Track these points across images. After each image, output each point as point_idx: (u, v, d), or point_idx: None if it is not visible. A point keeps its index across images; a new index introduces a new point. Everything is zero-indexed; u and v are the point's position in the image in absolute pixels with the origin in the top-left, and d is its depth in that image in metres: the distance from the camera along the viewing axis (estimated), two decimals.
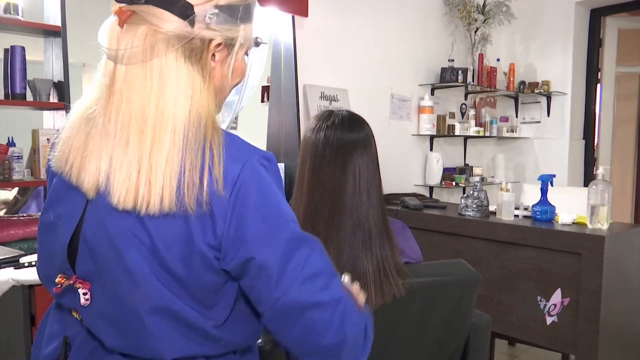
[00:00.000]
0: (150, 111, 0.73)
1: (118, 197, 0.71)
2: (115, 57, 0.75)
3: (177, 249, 0.73)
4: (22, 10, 1.87)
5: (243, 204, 0.74)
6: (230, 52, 0.81)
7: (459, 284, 1.40)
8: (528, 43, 4.20)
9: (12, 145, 1.87)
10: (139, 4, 0.73)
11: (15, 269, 1.64)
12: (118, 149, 0.72)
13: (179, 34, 0.75)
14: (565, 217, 2.41)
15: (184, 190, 0.71)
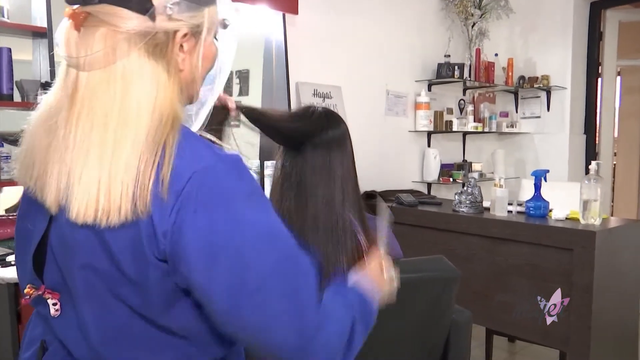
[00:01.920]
0: (113, 118, 0.69)
1: (77, 211, 0.67)
2: (77, 64, 0.70)
3: (130, 258, 0.69)
4: (7, 12, 1.89)
5: (181, 228, 0.68)
6: (198, 39, 0.76)
7: (437, 280, 1.41)
8: (527, 37, 4.17)
9: (0, 146, 1.90)
10: (92, 4, 0.69)
11: (2, 267, 1.67)
12: (77, 160, 0.68)
13: (141, 30, 0.70)
14: (558, 213, 2.41)
15: (137, 193, 0.67)
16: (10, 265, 1.67)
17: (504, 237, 2.43)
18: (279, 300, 0.71)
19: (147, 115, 0.69)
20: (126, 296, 0.71)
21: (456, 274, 1.42)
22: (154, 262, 0.69)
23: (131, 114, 0.69)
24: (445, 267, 1.43)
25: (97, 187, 0.67)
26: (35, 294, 0.77)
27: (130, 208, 0.67)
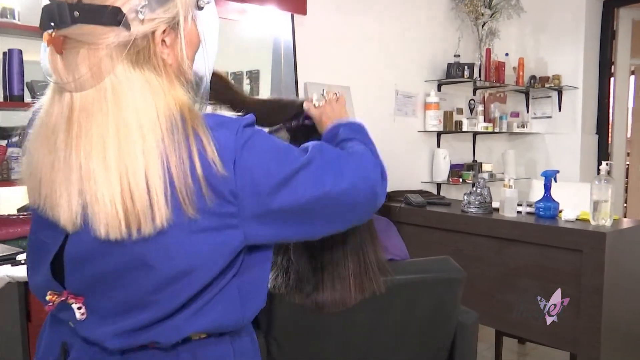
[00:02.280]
0: (110, 135, 0.69)
1: (105, 227, 0.69)
2: (69, 88, 0.71)
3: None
4: (18, 13, 1.92)
5: (247, 168, 0.74)
6: (178, 30, 0.76)
7: (442, 281, 1.40)
8: (538, 36, 4.14)
9: (11, 146, 1.93)
10: (66, 26, 0.68)
11: (12, 266, 1.69)
12: (87, 181, 0.69)
13: (119, 42, 0.70)
14: (568, 214, 2.38)
15: (180, 196, 0.69)
16: (20, 264, 1.69)
17: (513, 238, 2.41)
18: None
19: (151, 120, 0.70)
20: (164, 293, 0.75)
21: (461, 275, 1.41)
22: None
23: (132, 125, 0.69)
24: (451, 268, 1.42)
25: (121, 200, 0.68)
26: (58, 300, 0.78)
27: (172, 213, 0.70)
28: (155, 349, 0.78)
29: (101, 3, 0.69)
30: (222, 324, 0.80)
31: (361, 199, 0.87)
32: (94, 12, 0.68)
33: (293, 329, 1.31)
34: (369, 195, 0.88)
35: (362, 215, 0.93)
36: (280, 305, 1.27)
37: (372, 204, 0.91)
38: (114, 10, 0.69)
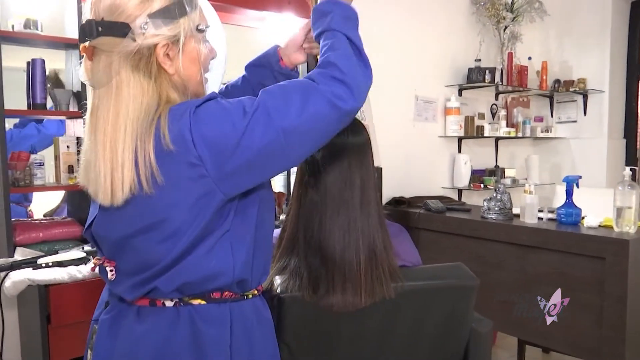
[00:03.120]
0: (110, 123, 0.88)
1: (101, 197, 0.90)
2: (91, 84, 0.92)
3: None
4: (41, 25, 1.98)
5: (201, 136, 0.86)
6: (179, 47, 0.92)
7: (454, 288, 1.39)
8: (562, 39, 4.08)
9: (33, 152, 1.98)
10: (92, 39, 0.89)
11: (34, 269, 1.74)
12: (97, 160, 0.89)
13: (126, 51, 0.88)
14: (591, 220, 2.34)
15: (141, 167, 0.87)
16: (40, 267, 1.74)
17: (534, 244, 2.38)
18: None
19: (135, 115, 0.88)
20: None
21: (475, 282, 1.39)
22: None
23: (122, 115, 0.88)
24: (464, 275, 1.41)
25: (105, 178, 0.88)
26: (98, 263, 1.00)
27: (132, 187, 0.87)
28: (162, 307, 0.95)
29: (115, 19, 0.88)
30: (214, 275, 0.94)
31: (321, 119, 0.90)
32: (110, 26, 0.88)
33: (304, 333, 1.31)
34: (328, 112, 0.90)
35: (331, 129, 0.93)
36: (291, 310, 1.27)
37: (337, 116, 0.91)
38: (123, 24, 0.88)
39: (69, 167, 2.03)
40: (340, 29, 0.99)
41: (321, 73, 0.92)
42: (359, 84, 0.93)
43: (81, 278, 1.74)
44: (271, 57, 1.27)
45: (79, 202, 2.14)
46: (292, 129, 0.87)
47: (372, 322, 1.32)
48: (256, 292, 1.04)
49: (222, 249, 0.94)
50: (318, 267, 1.27)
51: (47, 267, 1.74)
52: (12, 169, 1.91)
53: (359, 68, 0.96)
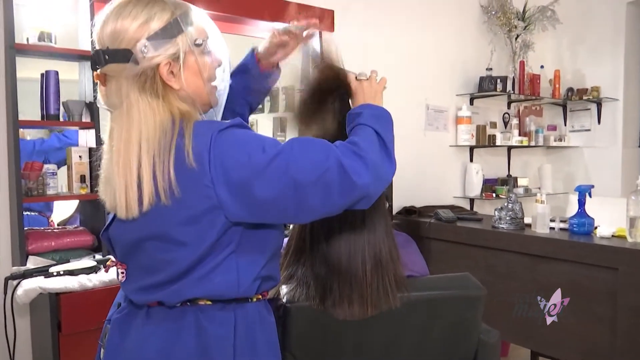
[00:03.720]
0: (123, 143, 0.93)
1: (119, 212, 0.94)
2: (107, 108, 0.99)
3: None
4: (55, 37, 2.02)
5: (218, 160, 0.90)
6: (180, 62, 0.96)
7: (461, 299, 1.38)
8: (575, 48, 4.06)
9: (46, 162, 2.02)
10: (101, 67, 0.94)
11: (45, 277, 1.76)
12: (112, 177, 0.94)
13: (132, 74, 0.93)
14: (604, 230, 2.31)
15: (160, 183, 0.90)
16: (52, 275, 1.76)
17: (545, 254, 2.35)
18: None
19: (151, 132, 0.92)
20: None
21: (481, 292, 1.39)
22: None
23: (134, 135, 0.92)
24: (470, 285, 1.40)
25: (121, 195, 0.92)
26: (112, 265, 1.06)
27: (150, 199, 0.91)
28: (169, 308, 0.98)
29: (118, 47, 0.93)
30: (219, 293, 0.97)
31: (332, 188, 0.92)
32: (115, 54, 0.93)
33: (310, 343, 1.32)
34: (339, 180, 0.92)
35: (341, 199, 0.94)
36: (297, 319, 1.28)
37: (348, 187, 0.93)
38: (125, 51, 0.93)
39: (81, 176, 2.06)
40: (368, 123, 1.05)
41: (344, 145, 0.97)
42: (377, 166, 0.97)
43: (91, 287, 1.76)
44: (249, 62, 1.32)
45: (90, 211, 2.17)
46: (303, 185, 0.90)
47: (378, 332, 1.32)
48: (260, 297, 1.06)
49: (227, 268, 0.97)
50: (324, 277, 1.27)
51: (59, 276, 1.76)
52: (26, 179, 1.94)
53: (381, 156, 1.01)
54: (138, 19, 0.93)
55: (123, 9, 0.95)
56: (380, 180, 0.99)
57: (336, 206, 0.95)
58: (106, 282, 1.79)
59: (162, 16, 0.95)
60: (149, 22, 0.94)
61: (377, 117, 1.08)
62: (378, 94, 1.17)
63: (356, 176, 0.92)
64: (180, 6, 0.99)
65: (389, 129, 1.09)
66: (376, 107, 1.12)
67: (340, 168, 0.92)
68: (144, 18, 0.94)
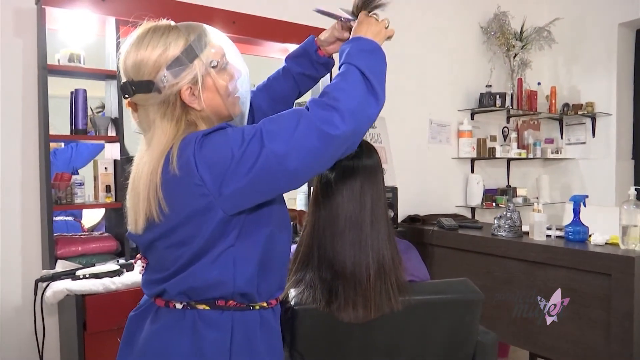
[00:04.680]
0: (138, 162, 0.98)
1: (130, 227, 1.00)
2: (140, 132, 1.01)
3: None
4: (83, 58, 2.05)
5: (203, 159, 0.90)
6: (198, 85, 0.96)
7: (460, 302, 1.37)
8: (570, 66, 4.03)
9: (74, 174, 2.04)
10: (130, 96, 0.97)
11: (72, 280, 1.77)
12: (131, 196, 0.98)
13: (156, 102, 0.95)
14: (598, 238, 2.28)
15: (151, 189, 0.94)
16: (78, 278, 1.78)
17: (542, 261, 2.33)
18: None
19: (156, 153, 0.94)
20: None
21: (479, 297, 1.37)
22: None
23: (147, 156, 0.96)
24: (469, 289, 1.39)
25: (131, 212, 0.98)
26: (137, 259, 1.07)
27: (147, 217, 0.94)
28: (173, 308, 0.99)
29: (141, 79, 0.94)
30: (215, 285, 0.97)
31: (311, 148, 0.89)
32: (139, 85, 0.95)
33: (316, 343, 1.31)
34: (316, 138, 0.89)
35: (324, 153, 0.91)
36: (304, 321, 1.27)
37: (326, 141, 0.90)
38: (148, 82, 0.94)
39: (106, 186, 2.09)
40: (352, 61, 0.99)
41: (314, 101, 0.93)
42: (354, 111, 0.91)
43: (114, 289, 1.77)
44: (309, 48, 1.28)
45: (115, 219, 2.18)
46: (283, 152, 0.88)
47: (381, 334, 1.31)
48: (266, 305, 1.04)
49: (225, 262, 0.96)
50: (330, 282, 1.27)
51: (84, 279, 1.77)
52: (56, 189, 1.96)
53: (361, 98, 0.94)
54: (156, 50, 0.94)
55: (142, 40, 0.96)
56: (363, 122, 0.94)
57: (323, 162, 0.93)
58: (128, 284, 1.80)
59: (178, 44, 0.95)
60: (166, 52, 0.94)
61: (364, 51, 1.02)
62: (381, 32, 1.11)
63: (331, 128, 0.89)
64: (193, 30, 0.98)
65: (377, 63, 1.01)
66: (366, 40, 1.05)
67: (312, 125, 0.89)
68: (161, 48, 0.94)
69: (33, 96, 2.09)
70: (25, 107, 2.09)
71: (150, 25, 0.99)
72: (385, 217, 1.36)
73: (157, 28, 0.97)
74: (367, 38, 1.05)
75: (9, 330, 2.07)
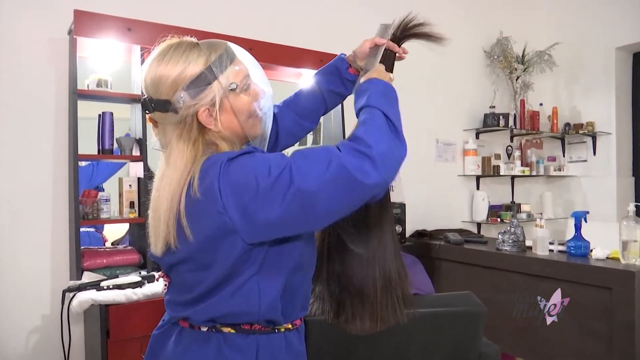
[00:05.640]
0: (157, 182, 0.93)
1: (152, 248, 0.94)
2: (160, 148, 0.96)
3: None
4: (110, 83, 2.09)
5: (227, 186, 0.84)
6: (220, 107, 0.91)
7: (463, 315, 1.35)
8: (571, 87, 4.00)
9: (101, 191, 2.06)
10: (150, 112, 0.92)
11: (97, 290, 1.78)
12: (153, 217, 0.92)
13: (173, 122, 0.90)
14: (599, 252, 2.24)
15: (170, 234, 0.89)
16: (103, 289, 1.78)
17: (546, 275, 2.28)
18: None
19: (176, 177, 0.88)
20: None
21: (482, 309, 1.35)
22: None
23: (165, 177, 0.90)
24: (472, 303, 1.37)
25: (152, 233, 0.92)
26: (160, 275, 1.03)
27: (166, 242, 0.89)
28: (198, 330, 0.94)
29: (159, 97, 0.89)
30: (241, 313, 0.91)
31: (341, 193, 0.82)
32: (158, 103, 0.90)
33: (324, 354, 1.30)
34: (347, 183, 0.81)
35: (353, 199, 0.84)
36: (313, 332, 1.26)
37: (358, 188, 0.82)
38: (165, 101, 0.89)
39: (130, 203, 2.11)
40: (376, 104, 0.93)
41: (347, 145, 0.85)
42: (386, 158, 0.84)
43: (136, 299, 1.78)
44: (340, 65, 1.23)
45: (138, 233, 2.20)
46: (312, 193, 0.80)
47: (387, 346, 1.29)
48: (290, 327, 0.98)
49: (249, 291, 0.90)
50: (339, 295, 1.26)
51: (108, 289, 1.78)
52: (83, 205, 1.99)
53: (391, 142, 0.87)
54: (175, 67, 0.88)
55: (163, 56, 0.90)
56: (393, 169, 0.86)
57: (352, 207, 0.85)
58: (149, 295, 1.81)
59: (198, 63, 0.88)
60: (185, 71, 0.88)
61: (384, 94, 0.97)
62: (386, 77, 1.08)
63: (364, 177, 0.81)
64: (216, 49, 0.91)
65: (396, 106, 0.96)
66: (381, 84, 1.00)
67: (344, 170, 0.80)
68: (181, 67, 0.88)
69: (64, 118, 2.14)
70: (56, 128, 2.13)
71: (173, 41, 0.93)
72: (391, 232, 1.35)
73: (180, 44, 0.91)
74: (383, 81, 1.01)
75: (38, 337, 2.08)
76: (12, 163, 2.05)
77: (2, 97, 2.05)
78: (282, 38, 2.63)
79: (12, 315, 2.04)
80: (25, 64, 2.09)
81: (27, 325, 2.07)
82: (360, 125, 0.91)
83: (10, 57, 2.06)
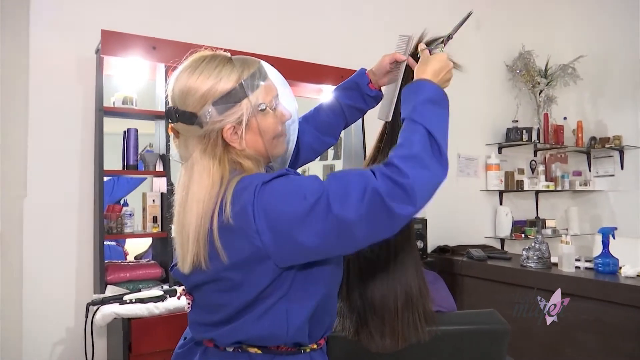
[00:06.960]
0: (181, 198, 0.89)
1: (179, 264, 0.90)
2: (178, 160, 0.93)
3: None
4: (135, 101, 2.14)
5: (261, 210, 0.81)
6: (246, 125, 0.88)
7: (486, 333, 1.32)
8: (596, 100, 3.93)
9: (125, 205, 2.10)
10: (173, 122, 0.90)
11: (120, 304, 1.80)
12: (175, 232, 0.90)
13: (196, 135, 0.88)
14: (629, 270, 2.17)
15: (199, 253, 0.85)
16: (126, 303, 1.80)
17: (572, 292, 2.22)
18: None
19: (202, 195, 0.85)
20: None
21: (506, 328, 1.32)
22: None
23: (190, 194, 0.87)
24: (496, 321, 1.33)
25: (179, 250, 0.89)
26: (182, 294, 1.00)
27: (194, 261, 0.85)
28: (224, 351, 0.91)
29: (186, 109, 0.87)
30: (268, 336, 0.89)
31: (375, 222, 0.79)
32: (183, 115, 0.87)
33: None
34: (381, 214, 0.78)
35: (385, 229, 0.81)
36: (334, 348, 1.25)
37: (390, 218, 0.79)
38: (191, 114, 0.86)
39: (153, 217, 2.13)
40: (420, 119, 0.87)
41: (383, 172, 0.80)
42: (423, 189, 0.80)
43: (158, 313, 1.79)
44: (360, 80, 1.21)
45: (160, 247, 2.22)
46: (349, 221, 0.78)
47: None
48: (315, 347, 0.96)
49: (277, 315, 0.88)
50: (360, 312, 1.25)
51: (131, 303, 1.80)
52: (107, 219, 2.02)
53: (430, 169, 0.82)
54: (207, 81, 0.85)
55: (196, 67, 0.88)
56: (429, 196, 0.82)
57: (385, 235, 0.81)
58: (171, 309, 1.82)
59: (230, 79, 0.86)
60: (216, 85, 0.85)
61: (432, 102, 0.91)
62: (444, 70, 1.03)
63: (399, 207, 0.77)
64: (249, 66, 0.89)
65: (444, 115, 0.91)
66: (432, 89, 0.93)
67: (379, 198, 0.77)
68: (212, 81, 0.86)
69: (90, 134, 2.19)
70: (83, 144, 2.19)
71: (206, 53, 0.91)
72: (414, 249, 1.33)
73: (213, 57, 0.89)
74: (433, 84, 0.95)
75: (62, 350, 2.11)
76: (40, 177, 2.11)
77: (33, 114, 2.12)
78: (303, 55, 2.66)
79: (37, 327, 2.07)
80: (55, 82, 2.16)
81: (51, 337, 2.10)
82: (399, 146, 0.85)
83: (42, 75, 2.14)
